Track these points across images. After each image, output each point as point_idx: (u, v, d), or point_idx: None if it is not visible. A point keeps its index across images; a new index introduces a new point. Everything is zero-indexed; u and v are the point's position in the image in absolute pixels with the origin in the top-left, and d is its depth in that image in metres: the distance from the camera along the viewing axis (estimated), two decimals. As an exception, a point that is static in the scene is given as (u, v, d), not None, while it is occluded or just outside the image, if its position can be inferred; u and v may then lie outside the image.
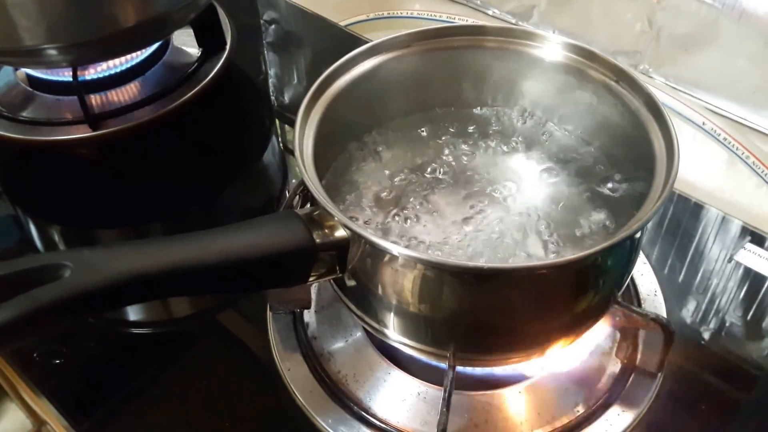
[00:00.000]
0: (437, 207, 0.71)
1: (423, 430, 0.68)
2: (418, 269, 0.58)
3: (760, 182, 0.95)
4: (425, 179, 0.74)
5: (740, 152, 0.96)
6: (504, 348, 0.64)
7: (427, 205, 0.71)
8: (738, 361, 0.76)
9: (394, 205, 0.71)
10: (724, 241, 0.88)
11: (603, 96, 0.72)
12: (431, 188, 0.73)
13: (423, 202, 0.71)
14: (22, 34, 0.81)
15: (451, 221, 0.70)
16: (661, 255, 0.86)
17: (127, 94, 0.98)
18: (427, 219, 0.70)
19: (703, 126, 0.98)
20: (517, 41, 0.75)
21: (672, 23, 0.98)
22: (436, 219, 0.70)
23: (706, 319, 0.80)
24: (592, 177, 0.73)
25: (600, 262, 0.60)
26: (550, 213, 0.71)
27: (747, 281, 0.83)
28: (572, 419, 0.69)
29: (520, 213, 0.71)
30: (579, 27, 1.06)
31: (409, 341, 0.64)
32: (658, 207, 0.57)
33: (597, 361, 0.73)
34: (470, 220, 0.69)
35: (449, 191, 0.73)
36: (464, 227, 0.69)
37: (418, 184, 0.73)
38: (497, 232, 0.69)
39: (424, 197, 0.72)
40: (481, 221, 0.70)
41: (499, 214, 0.70)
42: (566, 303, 0.61)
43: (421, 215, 0.70)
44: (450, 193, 0.73)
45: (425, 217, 0.70)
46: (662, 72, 1.02)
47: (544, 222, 0.70)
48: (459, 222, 0.69)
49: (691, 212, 0.91)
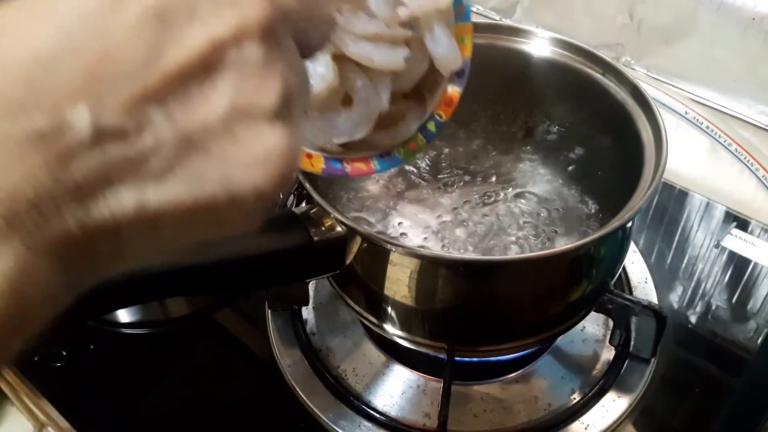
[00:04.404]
0: (430, 202, 0.72)
1: (423, 422, 0.69)
2: (414, 263, 0.59)
3: (743, 168, 0.96)
4: (418, 174, 0.75)
5: (723, 140, 0.98)
6: (500, 338, 0.65)
7: (421, 201, 0.72)
8: (727, 344, 0.78)
9: (389, 201, 0.72)
10: (709, 227, 0.89)
11: (589, 88, 0.73)
12: (424, 184, 0.74)
13: (416, 197, 0.72)
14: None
15: (445, 215, 0.71)
16: (650, 242, 0.87)
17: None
18: (422, 214, 0.70)
19: (686, 115, 1.00)
20: (503, 37, 0.75)
21: (652, 15, 0.99)
22: (430, 214, 0.71)
23: (695, 304, 0.81)
24: (579, 167, 0.74)
25: (593, 252, 0.61)
26: (540, 204, 0.72)
27: (731, 265, 0.85)
28: (569, 406, 0.70)
29: (510, 205, 0.72)
30: (561, 22, 1.07)
31: (407, 335, 0.65)
32: (649, 196, 0.58)
33: (591, 349, 0.74)
34: (462, 214, 0.70)
35: (441, 187, 0.74)
36: (457, 221, 0.70)
37: (411, 179, 0.74)
38: (489, 224, 0.70)
39: (417, 192, 0.73)
40: (473, 214, 0.71)
41: (490, 207, 0.71)
42: (561, 293, 0.63)
43: (415, 211, 0.71)
44: (442, 189, 0.73)
45: (420, 212, 0.71)
46: (644, 63, 1.04)
47: (534, 213, 0.71)
48: (452, 216, 0.70)
49: (676, 199, 0.93)
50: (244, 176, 0.29)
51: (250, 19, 0.28)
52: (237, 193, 0.29)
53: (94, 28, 0.26)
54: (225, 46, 0.27)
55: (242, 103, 0.28)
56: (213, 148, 0.28)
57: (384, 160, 0.52)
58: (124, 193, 0.27)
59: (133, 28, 0.26)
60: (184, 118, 0.27)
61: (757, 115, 0.96)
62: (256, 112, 0.28)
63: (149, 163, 0.27)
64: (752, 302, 0.81)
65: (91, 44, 0.26)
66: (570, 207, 0.71)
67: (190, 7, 0.27)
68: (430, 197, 0.72)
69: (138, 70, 0.26)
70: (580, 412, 0.70)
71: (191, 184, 0.28)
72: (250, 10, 0.28)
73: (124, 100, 0.26)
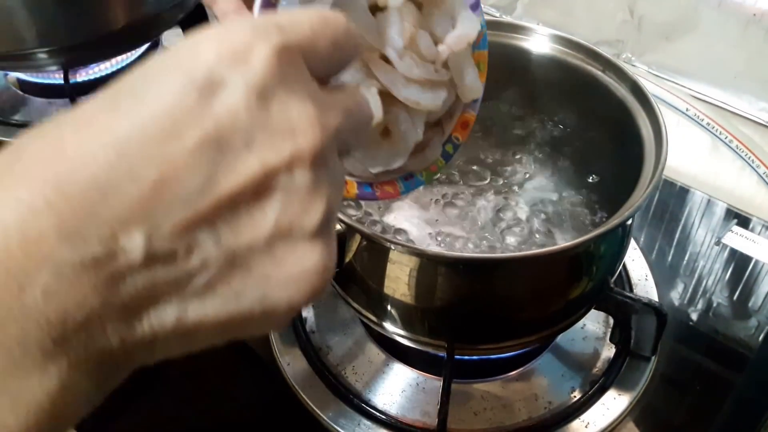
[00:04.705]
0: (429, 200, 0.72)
1: (423, 420, 0.69)
2: (413, 261, 0.59)
3: (744, 165, 0.96)
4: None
5: (724, 136, 0.97)
6: (500, 336, 0.65)
7: (420, 198, 0.72)
8: (728, 342, 0.78)
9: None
10: (710, 224, 0.89)
11: (589, 85, 0.72)
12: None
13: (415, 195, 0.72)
14: (12, 39, 0.82)
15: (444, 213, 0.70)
16: (650, 239, 0.87)
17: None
18: (421, 212, 0.70)
19: (687, 112, 1.00)
20: (503, 34, 0.75)
21: (653, 12, 0.99)
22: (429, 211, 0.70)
23: (695, 302, 0.81)
24: (579, 165, 0.74)
25: (593, 250, 0.61)
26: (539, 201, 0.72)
27: (732, 263, 0.85)
28: (569, 404, 0.70)
29: (509, 203, 0.72)
30: (562, 18, 1.07)
31: (407, 333, 0.65)
32: (649, 193, 0.58)
33: (592, 347, 0.74)
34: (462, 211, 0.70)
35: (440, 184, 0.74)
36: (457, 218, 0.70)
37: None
38: (489, 221, 0.70)
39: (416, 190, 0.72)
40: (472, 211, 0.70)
41: (489, 204, 0.71)
42: (561, 290, 0.63)
43: (414, 208, 0.71)
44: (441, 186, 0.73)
45: (419, 209, 0.71)
46: (645, 60, 1.03)
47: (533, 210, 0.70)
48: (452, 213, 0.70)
49: (677, 196, 0.93)
50: (280, 293, 0.30)
51: (302, 149, 0.29)
52: (271, 308, 0.30)
53: (155, 154, 0.27)
54: (277, 173, 0.28)
55: (286, 225, 0.29)
56: (254, 268, 0.29)
57: (408, 182, 0.54)
58: (167, 310, 0.28)
59: (191, 155, 0.27)
60: (230, 239, 0.28)
61: (759, 112, 0.95)
62: (298, 233, 0.29)
63: (193, 282, 0.28)
64: (753, 299, 0.81)
65: (150, 171, 0.26)
66: (569, 204, 0.71)
67: (248, 136, 0.28)
68: (429, 195, 0.72)
69: (193, 197, 0.27)
70: (581, 410, 0.69)
71: (230, 300, 0.29)
72: (303, 139, 0.29)
73: (176, 225, 0.27)
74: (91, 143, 0.26)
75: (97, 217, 0.26)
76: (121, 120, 0.27)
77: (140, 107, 0.27)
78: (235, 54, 0.28)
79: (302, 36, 0.30)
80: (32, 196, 0.25)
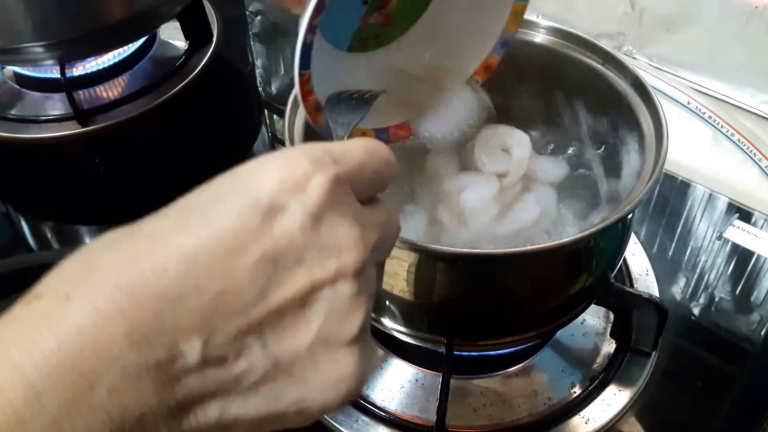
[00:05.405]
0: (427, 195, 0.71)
1: (422, 416, 0.68)
2: (412, 257, 0.58)
3: (746, 159, 0.95)
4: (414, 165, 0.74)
5: (725, 130, 0.97)
6: (500, 332, 0.65)
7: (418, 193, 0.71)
8: (730, 337, 0.77)
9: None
10: (712, 218, 0.89)
11: (589, 79, 0.72)
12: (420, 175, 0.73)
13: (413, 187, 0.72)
14: (8, 33, 0.81)
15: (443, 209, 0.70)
16: (651, 234, 0.87)
17: (116, 89, 0.98)
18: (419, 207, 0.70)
19: (688, 105, 0.99)
20: (503, 27, 0.75)
21: (654, 4, 0.98)
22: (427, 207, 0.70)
23: (697, 297, 0.81)
24: (578, 159, 0.74)
25: (593, 245, 0.61)
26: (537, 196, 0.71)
27: (734, 257, 0.84)
28: (569, 400, 0.69)
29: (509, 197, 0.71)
30: (562, 11, 1.06)
31: (406, 329, 0.64)
32: (650, 187, 0.57)
33: (592, 342, 0.74)
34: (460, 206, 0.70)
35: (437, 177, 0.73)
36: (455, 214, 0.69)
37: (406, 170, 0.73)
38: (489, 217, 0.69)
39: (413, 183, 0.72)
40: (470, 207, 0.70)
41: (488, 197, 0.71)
42: (561, 286, 0.62)
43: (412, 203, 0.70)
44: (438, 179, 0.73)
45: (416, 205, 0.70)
46: (646, 53, 1.03)
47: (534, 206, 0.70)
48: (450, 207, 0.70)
49: (678, 190, 0.92)
50: (317, 397, 0.33)
51: (346, 264, 0.32)
52: (306, 409, 0.33)
53: (219, 270, 0.30)
54: (322, 287, 0.32)
55: (328, 333, 0.32)
56: (296, 372, 0.32)
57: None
58: (213, 407, 0.31)
59: (250, 270, 0.30)
60: (276, 346, 0.31)
61: (761, 105, 0.95)
62: (338, 340, 0.33)
63: (240, 383, 0.31)
64: (755, 294, 0.81)
65: (213, 285, 0.30)
66: (569, 199, 0.71)
67: (299, 254, 0.31)
68: (428, 190, 0.71)
69: (247, 308, 0.31)
70: (581, 406, 0.69)
71: (270, 401, 0.32)
72: (347, 257, 0.33)
73: (230, 333, 0.30)
74: (163, 257, 0.30)
75: (164, 324, 0.29)
76: (190, 236, 0.30)
77: (208, 225, 0.31)
78: (296, 183, 0.32)
79: (352, 167, 0.35)
80: (107, 304, 0.28)
